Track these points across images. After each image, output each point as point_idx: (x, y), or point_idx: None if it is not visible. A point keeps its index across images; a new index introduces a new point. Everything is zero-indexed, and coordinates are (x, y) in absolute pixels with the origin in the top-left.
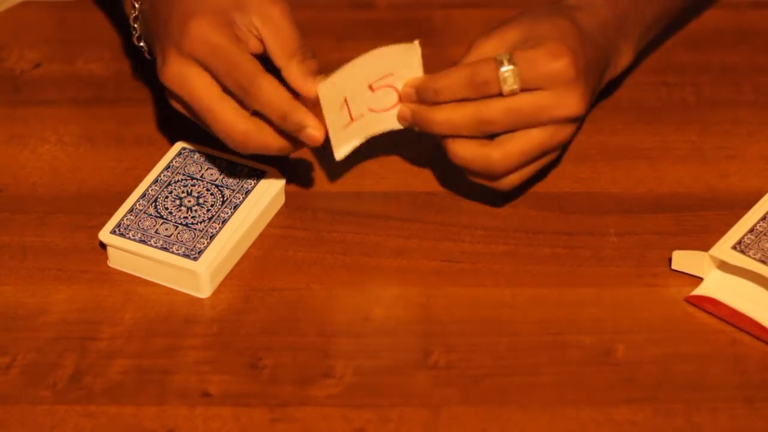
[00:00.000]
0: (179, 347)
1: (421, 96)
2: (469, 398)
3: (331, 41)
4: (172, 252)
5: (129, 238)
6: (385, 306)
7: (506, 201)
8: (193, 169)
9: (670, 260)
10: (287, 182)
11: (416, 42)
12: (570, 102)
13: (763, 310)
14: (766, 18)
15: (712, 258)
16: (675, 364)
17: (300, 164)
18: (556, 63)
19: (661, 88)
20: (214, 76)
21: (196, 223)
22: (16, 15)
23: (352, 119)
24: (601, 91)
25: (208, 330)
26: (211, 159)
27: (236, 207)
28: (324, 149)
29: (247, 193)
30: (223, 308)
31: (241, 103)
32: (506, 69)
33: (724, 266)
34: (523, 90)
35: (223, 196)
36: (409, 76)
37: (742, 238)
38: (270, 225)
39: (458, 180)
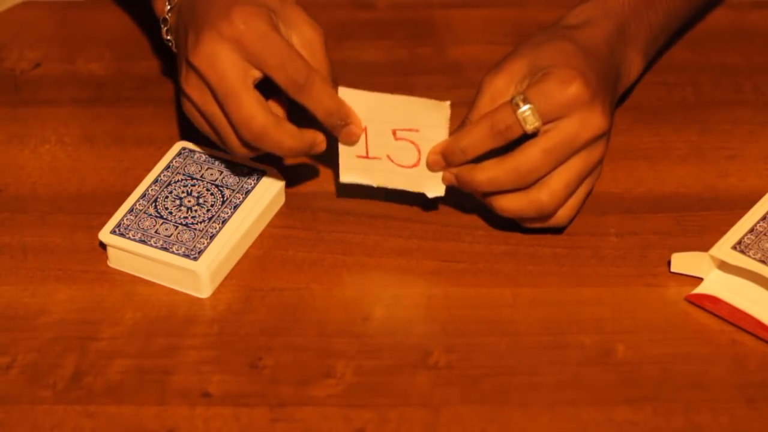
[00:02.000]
0: (179, 347)
1: (449, 160)
2: (469, 398)
3: (331, 41)
4: (172, 252)
5: (129, 238)
6: (385, 306)
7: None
8: (193, 169)
9: (669, 262)
10: (287, 182)
11: (447, 103)
12: (594, 122)
13: (764, 309)
14: (766, 18)
15: (712, 258)
16: (675, 364)
17: (300, 164)
18: (569, 89)
19: (661, 88)
20: (253, 65)
21: (196, 223)
22: (16, 15)
23: (367, 155)
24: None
25: (208, 330)
26: (211, 159)
27: (236, 207)
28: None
29: (247, 193)
30: (223, 308)
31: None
32: (524, 109)
33: (724, 266)
34: (545, 124)
35: (223, 196)
36: (434, 137)
37: (742, 238)
38: (270, 225)
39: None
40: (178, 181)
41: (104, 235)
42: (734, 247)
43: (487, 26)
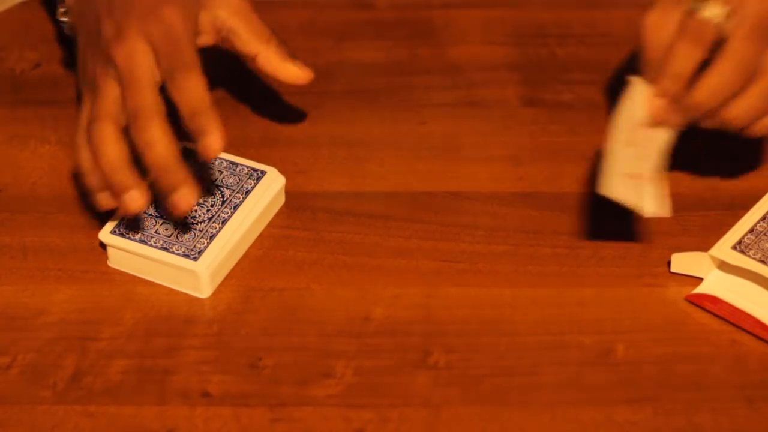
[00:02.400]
0: (179, 347)
1: (668, 95)
2: (469, 398)
3: (331, 41)
4: (172, 252)
5: (129, 238)
6: (385, 306)
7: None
8: (192, 169)
9: (669, 262)
10: (287, 182)
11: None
12: None
13: (764, 309)
14: None
15: (712, 258)
16: (675, 364)
17: (300, 164)
18: None
19: None
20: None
21: (196, 223)
22: (16, 15)
23: (636, 175)
24: (602, 91)
25: (208, 330)
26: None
27: (236, 207)
28: None
29: (247, 193)
30: (223, 308)
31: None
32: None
33: (724, 266)
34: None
35: (223, 196)
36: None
37: (742, 238)
38: (270, 225)
39: (458, 180)
40: None
41: (104, 235)
42: (734, 247)
43: (487, 26)
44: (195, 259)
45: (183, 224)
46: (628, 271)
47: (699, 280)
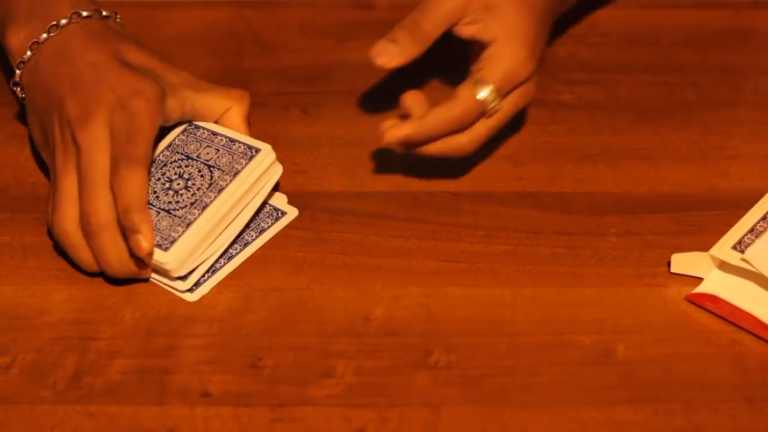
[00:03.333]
0: (179, 347)
1: (410, 144)
2: (470, 398)
3: (331, 41)
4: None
5: None
6: (385, 306)
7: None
8: (192, 147)
9: (669, 262)
10: (288, 182)
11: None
12: (531, 89)
13: (764, 309)
14: (766, 18)
15: (713, 258)
16: (675, 364)
17: (300, 164)
18: (524, 72)
19: (661, 88)
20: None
21: (177, 210)
22: None
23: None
24: (602, 91)
25: (208, 330)
26: (212, 136)
27: (221, 190)
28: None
29: (236, 174)
30: (223, 308)
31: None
32: (485, 94)
33: (724, 266)
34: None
35: (211, 179)
36: None
37: (742, 238)
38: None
39: (458, 180)
40: (174, 161)
41: None
42: (734, 247)
43: None
44: (166, 249)
45: (165, 210)
46: (628, 271)
47: (699, 280)
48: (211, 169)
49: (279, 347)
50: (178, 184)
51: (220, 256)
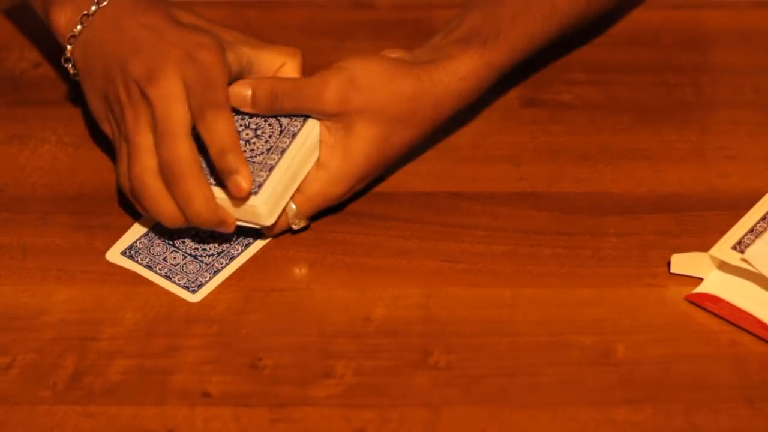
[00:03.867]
0: (179, 347)
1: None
2: (470, 398)
3: (331, 41)
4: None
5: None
6: (385, 306)
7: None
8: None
9: (669, 262)
10: None
11: None
12: None
13: (764, 309)
14: (766, 18)
15: (713, 258)
16: (675, 364)
17: None
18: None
19: (661, 88)
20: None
21: (255, 156)
22: (16, 15)
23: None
24: (602, 91)
25: (208, 330)
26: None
27: (294, 135)
28: None
29: (306, 119)
30: (223, 308)
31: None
32: None
33: (724, 266)
34: None
35: (280, 126)
36: None
37: (742, 238)
38: None
39: (458, 180)
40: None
41: None
42: (734, 247)
43: None
44: (255, 193)
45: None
46: (628, 271)
47: (699, 280)
48: (278, 118)
49: (279, 347)
50: (247, 134)
51: (221, 256)
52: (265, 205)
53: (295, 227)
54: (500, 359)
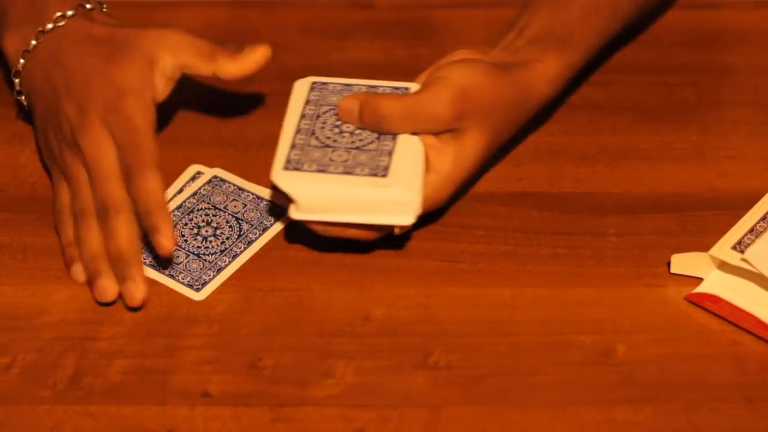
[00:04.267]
0: (179, 347)
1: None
2: (470, 398)
3: (331, 41)
4: (358, 174)
5: (305, 170)
6: (385, 306)
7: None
8: (218, 198)
9: (669, 263)
10: None
11: None
12: None
13: (764, 309)
14: (766, 18)
15: (713, 258)
16: (675, 364)
17: None
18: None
19: (661, 88)
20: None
21: (208, 255)
22: None
23: None
24: (602, 91)
25: (208, 330)
26: (239, 191)
27: (250, 243)
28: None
29: (265, 230)
30: (223, 308)
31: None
32: None
33: (724, 266)
34: None
35: (240, 230)
36: None
37: (742, 238)
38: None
39: None
40: (201, 209)
41: (277, 174)
42: (734, 247)
43: (487, 26)
44: (198, 290)
45: (194, 254)
46: (628, 271)
47: (699, 280)
48: (240, 221)
49: (279, 347)
50: (207, 231)
51: (224, 254)
52: (402, 187)
53: (397, 231)
54: (500, 359)
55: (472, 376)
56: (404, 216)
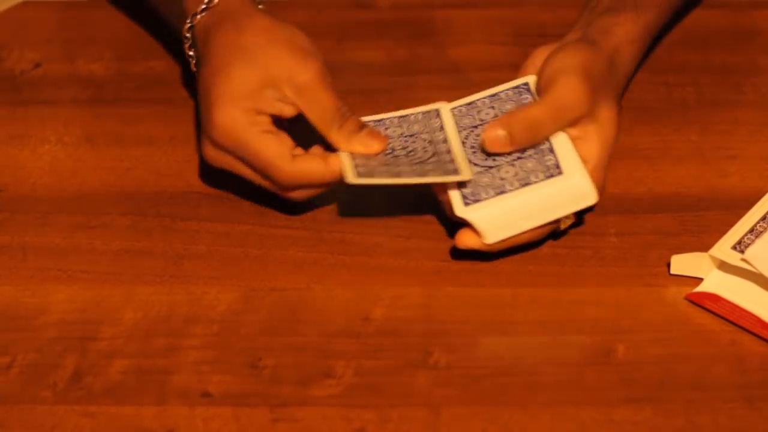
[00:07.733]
0: (179, 347)
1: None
2: (470, 398)
3: (331, 41)
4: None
5: (486, 198)
6: (385, 306)
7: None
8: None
9: (669, 263)
10: None
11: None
12: None
13: (764, 309)
14: (766, 18)
15: (712, 258)
16: (675, 364)
17: None
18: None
19: (661, 88)
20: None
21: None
22: (16, 15)
23: None
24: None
25: (208, 330)
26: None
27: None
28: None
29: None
30: (223, 308)
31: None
32: None
33: (724, 266)
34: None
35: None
36: None
37: (742, 238)
38: (270, 225)
39: None
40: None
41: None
42: (734, 247)
43: (487, 26)
44: (560, 173)
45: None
46: (628, 271)
47: (699, 280)
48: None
49: (279, 347)
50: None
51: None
52: (579, 173)
53: (563, 226)
54: (500, 359)
55: (472, 376)
56: (586, 199)
